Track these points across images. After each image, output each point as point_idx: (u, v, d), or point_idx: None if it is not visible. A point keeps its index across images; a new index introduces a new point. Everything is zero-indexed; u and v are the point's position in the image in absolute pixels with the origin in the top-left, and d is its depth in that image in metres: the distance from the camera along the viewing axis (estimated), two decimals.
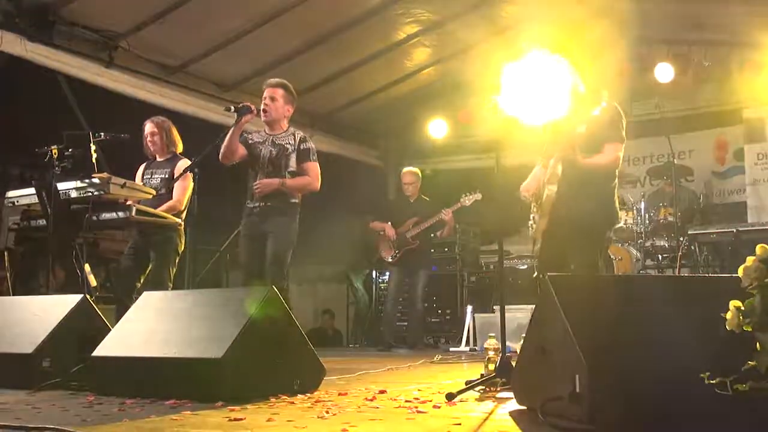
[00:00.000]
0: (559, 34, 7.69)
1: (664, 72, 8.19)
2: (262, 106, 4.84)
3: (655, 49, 8.47)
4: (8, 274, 5.82)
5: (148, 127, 5.49)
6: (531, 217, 4.35)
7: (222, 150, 4.71)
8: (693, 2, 7.65)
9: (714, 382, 1.90)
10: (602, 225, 4.14)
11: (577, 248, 3.99)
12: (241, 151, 4.85)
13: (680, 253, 6.95)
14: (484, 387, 3.40)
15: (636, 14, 8.25)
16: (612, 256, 7.57)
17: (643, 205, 7.49)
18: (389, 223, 7.85)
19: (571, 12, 7.61)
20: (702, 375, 1.94)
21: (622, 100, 8.72)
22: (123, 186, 4.74)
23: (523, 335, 3.04)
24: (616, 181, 4.20)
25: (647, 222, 7.44)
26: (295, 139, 4.91)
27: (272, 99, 4.88)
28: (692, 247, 7.17)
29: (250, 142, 4.94)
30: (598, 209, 4.02)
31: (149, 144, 5.47)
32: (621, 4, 8.00)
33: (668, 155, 7.48)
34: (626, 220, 7.64)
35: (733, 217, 7.83)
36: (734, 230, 6.66)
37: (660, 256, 7.48)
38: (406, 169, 8.22)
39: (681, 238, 7.08)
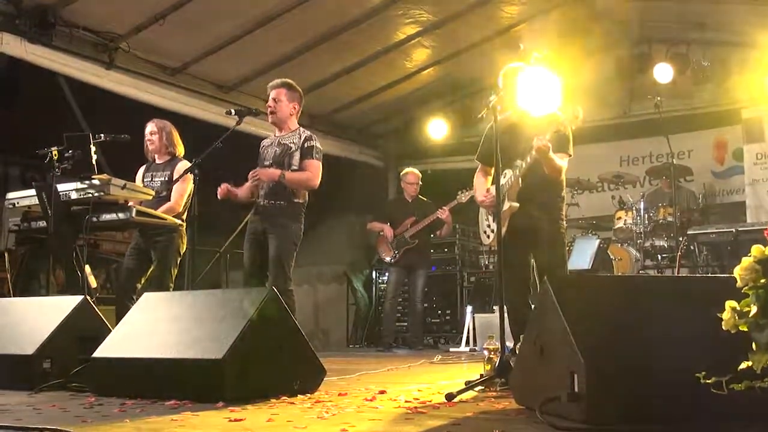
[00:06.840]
0: (559, 34, 7.74)
1: (664, 72, 8.20)
2: (268, 110, 4.86)
3: (654, 48, 8.48)
4: (9, 276, 5.83)
5: (149, 126, 5.53)
6: (486, 225, 4.53)
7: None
8: (692, 2, 7.66)
9: (709, 381, 1.91)
10: (560, 225, 4.33)
11: (546, 250, 4.20)
12: None
13: (679, 254, 6.95)
14: (483, 387, 3.42)
15: (635, 14, 8.27)
16: (611, 256, 7.57)
17: (642, 205, 7.48)
18: (388, 223, 7.87)
19: (571, 12, 7.63)
20: (697, 375, 1.94)
21: (622, 100, 8.83)
22: (123, 187, 4.74)
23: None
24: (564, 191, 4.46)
25: (646, 222, 7.43)
26: (299, 138, 4.88)
27: (275, 100, 4.88)
28: (691, 247, 7.16)
29: (261, 149, 5.00)
30: (555, 214, 4.27)
31: (148, 142, 5.50)
32: (620, 3, 8.01)
33: (667, 155, 7.47)
34: (625, 220, 7.65)
35: (733, 217, 7.82)
36: (733, 230, 6.64)
37: (659, 256, 7.47)
38: (408, 170, 8.22)
39: (680, 238, 7.06)
